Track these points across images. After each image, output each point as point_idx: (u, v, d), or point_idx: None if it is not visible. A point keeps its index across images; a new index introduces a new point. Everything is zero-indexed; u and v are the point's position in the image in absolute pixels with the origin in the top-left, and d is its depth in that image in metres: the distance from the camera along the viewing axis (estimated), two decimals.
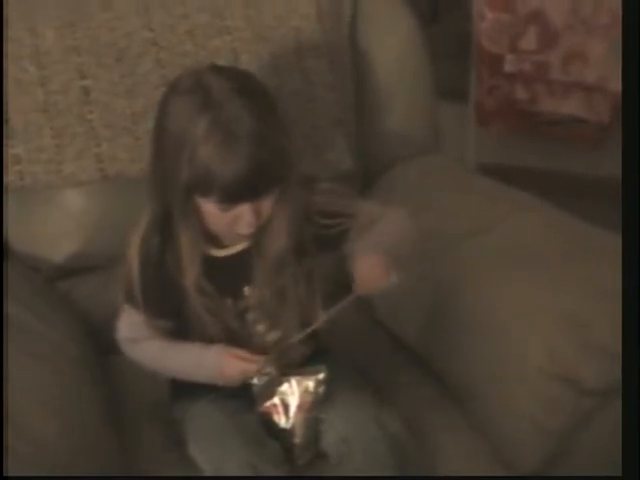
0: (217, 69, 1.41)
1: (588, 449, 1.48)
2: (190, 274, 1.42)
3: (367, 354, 1.58)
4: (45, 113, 1.70)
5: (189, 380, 1.47)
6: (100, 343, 1.70)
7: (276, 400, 1.44)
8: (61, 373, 1.46)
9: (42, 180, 1.71)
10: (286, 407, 1.44)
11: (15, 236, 1.73)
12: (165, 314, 1.46)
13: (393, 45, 1.98)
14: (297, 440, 1.45)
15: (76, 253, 1.74)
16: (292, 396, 1.43)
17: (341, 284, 1.43)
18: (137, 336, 1.47)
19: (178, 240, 1.41)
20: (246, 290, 1.47)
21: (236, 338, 1.46)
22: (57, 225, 1.74)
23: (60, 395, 1.40)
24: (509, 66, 2.83)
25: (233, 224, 1.39)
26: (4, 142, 1.69)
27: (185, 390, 1.50)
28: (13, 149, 1.69)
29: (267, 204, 1.38)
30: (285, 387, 1.44)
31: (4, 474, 1.19)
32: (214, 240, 1.45)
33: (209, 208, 1.37)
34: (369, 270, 1.39)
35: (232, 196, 1.34)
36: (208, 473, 1.40)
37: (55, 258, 1.74)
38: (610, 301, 1.43)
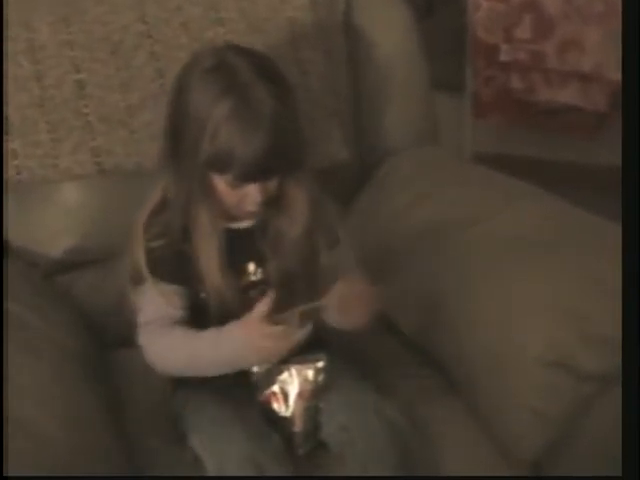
0: (238, 49, 1.43)
1: (588, 437, 1.48)
2: (209, 246, 1.43)
3: (367, 344, 1.58)
4: (41, 108, 1.70)
5: (210, 372, 1.45)
6: (99, 338, 1.70)
7: (276, 388, 1.44)
8: (60, 370, 1.45)
9: (39, 174, 1.70)
10: (286, 396, 1.44)
11: (12, 232, 1.73)
12: (179, 279, 1.45)
13: (388, 36, 1.98)
14: (297, 429, 1.45)
15: (73, 247, 1.74)
16: (292, 385, 1.43)
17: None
18: (159, 317, 1.45)
19: (195, 214, 1.43)
20: (250, 266, 1.49)
21: (237, 314, 1.45)
22: (54, 220, 1.73)
23: (59, 392, 1.40)
24: (505, 56, 2.83)
25: (240, 201, 1.43)
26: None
27: (185, 383, 1.50)
28: (9, 144, 1.69)
29: (273, 184, 1.43)
30: (285, 375, 1.44)
31: (4, 474, 1.19)
32: (223, 214, 1.46)
33: (219, 184, 1.41)
34: (350, 302, 1.41)
35: (248, 174, 1.39)
36: (209, 465, 1.40)
37: (52, 253, 1.73)
38: (608, 289, 1.44)
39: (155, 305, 1.45)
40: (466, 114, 2.99)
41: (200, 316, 1.47)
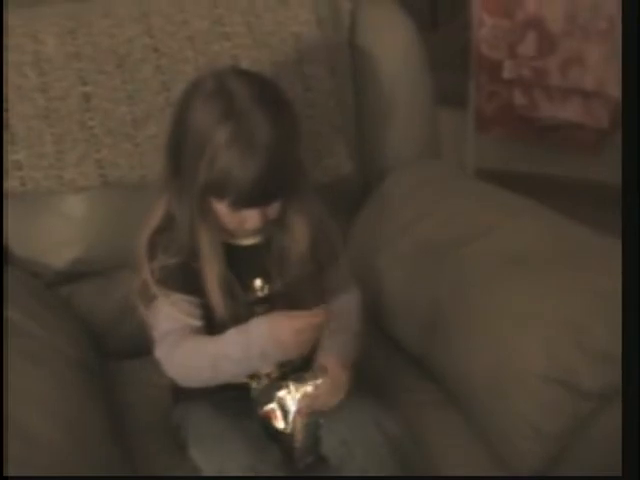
0: (240, 73, 1.44)
1: (587, 453, 1.48)
2: (212, 264, 1.44)
3: (367, 358, 1.58)
4: (46, 119, 1.70)
5: (232, 374, 1.44)
6: (101, 348, 1.71)
7: (275, 405, 1.43)
8: (61, 378, 1.46)
9: (43, 186, 1.71)
10: (285, 412, 1.43)
11: (15, 242, 1.73)
12: (188, 290, 1.45)
13: (393, 53, 1.99)
14: (297, 444, 1.45)
15: (77, 258, 1.74)
16: (291, 401, 1.42)
17: None
18: (176, 328, 1.44)
19: (198, 233, 1.44)
20: (257, 282, 1.49)
21: None
22: (58, 231, 1.74)
23: (60, 400, 1.40)
24: (508, 72, 2.83)
25: (240, 223, 1.44)
26: (6, 148, 1.69)
27: (186, 394, 1.50)
28: (15, 155, 1.69)
29: (273, 208, 1.43)
30: (283, 392, 1.43)
31: (4, 474, 1.19)
32: (227, 231, 1.48)
33: (218, 207, 1.41)
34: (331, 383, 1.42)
35: (244, 201, 1.39)
36: (208, 475, 1.40)
37: (56, 263, 1.74)
38: (608, 305, 1.44)
39: (170, 317, 1.45)
40: (469, 129, 2.99)
41: (209, 330, 1.47)
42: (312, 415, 1.44)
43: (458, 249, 1.67)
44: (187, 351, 1.44)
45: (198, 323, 1.45)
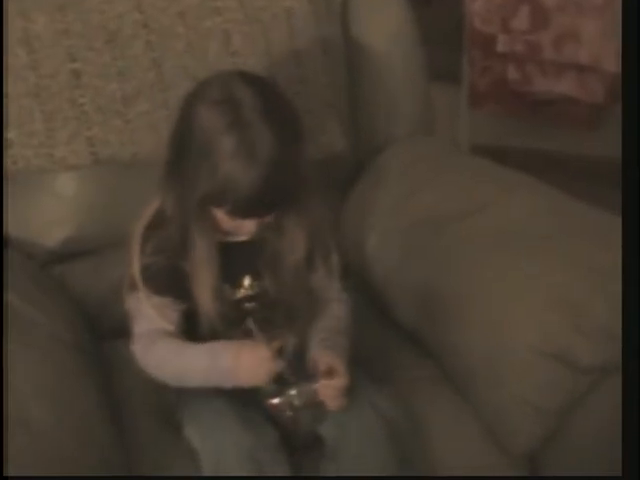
0: (248, 81, 1.40)
1: (584, 429, 1.48)
2: (204, 266, 1.44)
3: (362, 337, 1.57)
4: (36, 97, 1.69)
5: (198, 385, 1.44)
6: (95, 328, 1.70)
7: (281, 400, 1.41)
8: (56, 361, 1.45)
9: (34, 164, 1.69)
10: (291, 405, 1.41)
11: (8, 222, 1.72)
12: (173, 293, 1.45)
13: (385, 27, 1.98)
14: (297, 428, 1.45)
15: (69, 237, 1.73)
16: (298, 399, 1.41)
17: None
18: (152, 330, 1.45)
19: (192, 234, 1.43)
20: (246, 280, 1.49)
21: (231, 328, 1.46)
22: (50, 210, 1.72)
23: (56, 383, 1.40)
24: (502, 46, 2.83)
25: (236, 228, 1.45)
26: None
27: None
28: (5, 134, 1.68)
29: (270, 217, 1.44)
30: (293, 392, 1.41)
31: (4, 474, 1.19)
32: (224, 231, 1.47)
33: (216, 211, 1.41)
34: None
35: (244, 211, 1.40)
36: (204, 456, 1.40)
37: (48, 243, 1.72)
38: (604, 280, 1.44)
39: (148, 317, 1.45)
40: (462, 105, 2.98)
41: (193, 327, 1.47)
42: (317, 408, 1.43)
43: (452, 226, 1.67)
44: (159, 356, 1.45)
45: (174, 327, 1.46)
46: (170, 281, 1.44)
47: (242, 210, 1.39)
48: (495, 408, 1.50)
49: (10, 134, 1.68)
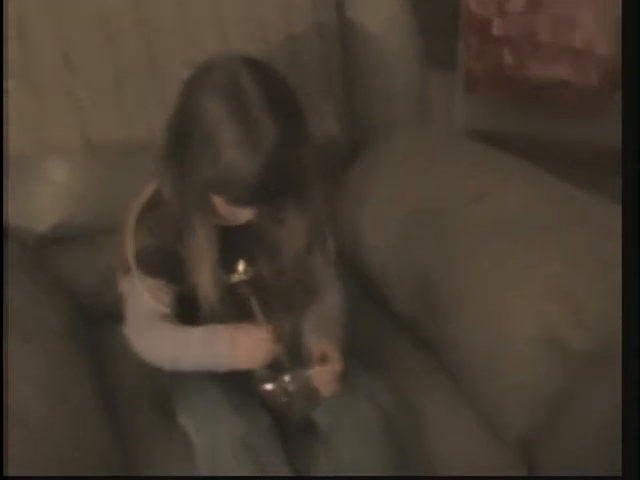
0: (252, 69, 1.38)
1: (585, 429, 1.49)
2: (202, 250, 1.43)
3: (357, 325, 1.57)
4: (26, 81, 1.67)
5: (191, 369, 1.44)
6: (88, 313, 1.70)
7: (275, 386, 1.41)
8: (49, 351, 1.45)
9: (26, 149, 1.68)
10: (285, 391, 1.41)
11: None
12: (167, 275, 1.45)
13: (381, 12, 1.97)
14: (291, 414, 1.44)
15: (61, 223, 1.71)
16: (292, 385, 1.41)
17: None
18: (146, 312, 1.44)
19: (190, 218, 1.43)
20: (240, 265, 1.47)
21: (229, 311, 1.46)
22: (41, 195, 1.71)
23: (49, 374, 1.39)
24: (497, 30, 2.82)
25: (235, 214, 1.46)
26: None
27: None
28: None
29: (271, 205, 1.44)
30: (287, 378, 1.41)
31: (4, 474, 1.18)
32: (222, 216, 1.47)
33: (215, 198, 1.41)
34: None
35: (244, 201, 1.40)
36: (198, 443, 1.40)
37: (40, 228, 1.71)
38: (603, 268, 1.44)
39: (142, 300, 1.44)
40: (458, 90, 2.98)
41: (187, 311, 1.46)
42: (310, 394, 1.42)
43: (449, 214, 1.67)
44: (153, 339, 1.45)
45: (167, 310, 1.45)
46: (164, 264, 1.43)
47: (243, 199, 1.39)
48: (489, 394, 1.50)
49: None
